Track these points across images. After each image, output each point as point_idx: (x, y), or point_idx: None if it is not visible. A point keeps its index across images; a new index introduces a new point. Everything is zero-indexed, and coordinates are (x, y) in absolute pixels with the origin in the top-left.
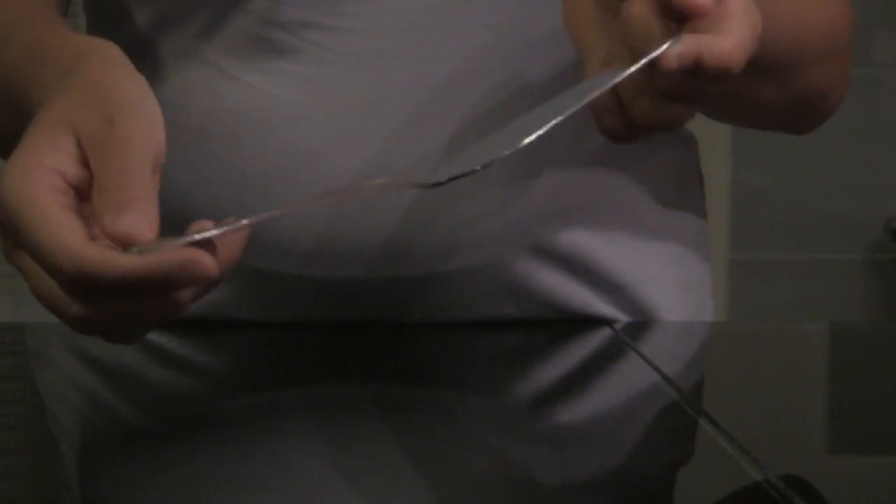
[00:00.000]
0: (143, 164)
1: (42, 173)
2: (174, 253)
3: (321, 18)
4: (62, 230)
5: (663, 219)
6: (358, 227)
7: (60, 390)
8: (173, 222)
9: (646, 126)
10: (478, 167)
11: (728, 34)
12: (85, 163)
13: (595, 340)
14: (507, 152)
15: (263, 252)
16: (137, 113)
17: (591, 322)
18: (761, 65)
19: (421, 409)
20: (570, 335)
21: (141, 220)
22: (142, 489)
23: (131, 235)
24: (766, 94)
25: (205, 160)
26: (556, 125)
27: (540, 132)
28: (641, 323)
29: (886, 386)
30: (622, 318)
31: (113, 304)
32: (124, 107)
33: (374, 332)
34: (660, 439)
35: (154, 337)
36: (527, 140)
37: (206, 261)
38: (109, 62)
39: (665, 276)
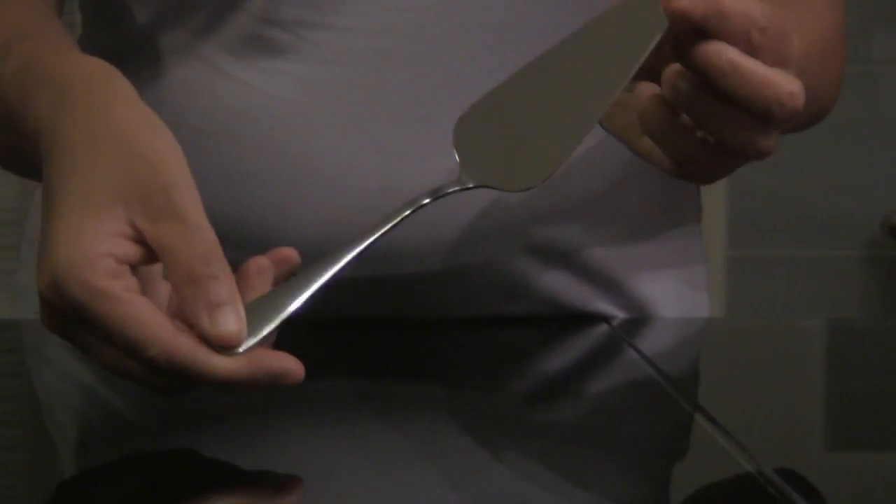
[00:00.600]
0: (216, 243)
1: (98, 262)
2: (267, 362)
3: (319, 17)
4: (148, 323)
5: (659, 215)
6: (358, 227)
7: (57, 386)
8: None
9: (721, 139)
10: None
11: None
12: (137, 239)
13: (593, 337)
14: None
15: (265, 251)
16: (187, 181)
17: (589, 319)
18: None
19: (420, 405)
20: (569, 332)
21: (237, 322)
22: (138, 485)
23: (229, 339)
24: None
25: (202, 159)
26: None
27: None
28: (639, 319)
29: (883, 382)
30: (619, 314)
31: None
32: (174, 177)
33: (373, 329)
34: (657, 435)
35: None
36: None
37: (296, 370)
38: (131, 107)
39: (661, 273)
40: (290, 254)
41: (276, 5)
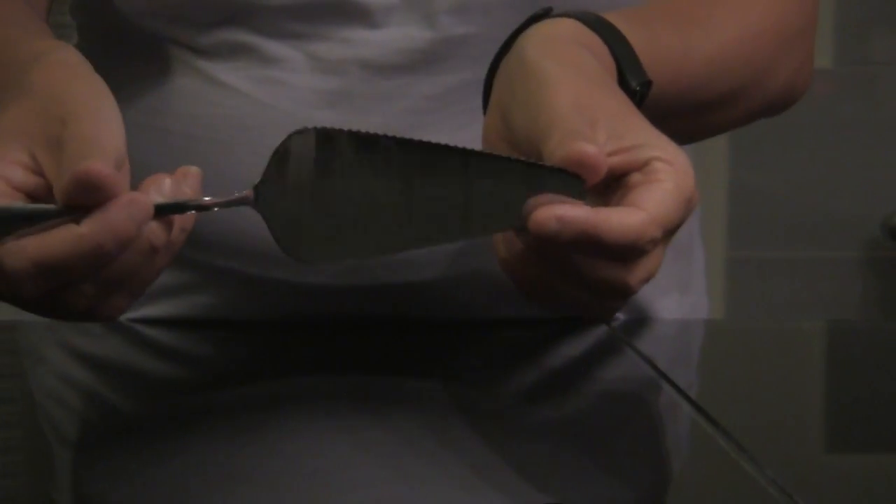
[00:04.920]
0: (103, 156)
1: None
2: (116, 209)
3: (312, 29)
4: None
5: None
6: None
7: (53, 387)
8: None
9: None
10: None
11: (641, 206)
12: (36, 171)
13: (592, 338)
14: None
15: (261, 259)
16: (90, 113)
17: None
18: (711, 100)
19: (419, 406)
20: (568, 333)
21: (106, 162)
22: (136, 485)
23: (97, 170)
24: (719, 118)
25: (194, 166)
26: None
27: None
28: (639, 321)
29: (883, 384)
30: (619, 315)
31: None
32: (75, 109)
33: (373, 330)
34: (656, 437)
35: (147, 332)
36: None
37: (141, 198)
38: (59, 64)
39: (661, 274)
40: (193, 169)
41: (269, 17)
